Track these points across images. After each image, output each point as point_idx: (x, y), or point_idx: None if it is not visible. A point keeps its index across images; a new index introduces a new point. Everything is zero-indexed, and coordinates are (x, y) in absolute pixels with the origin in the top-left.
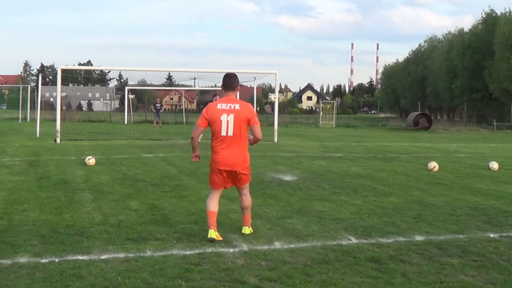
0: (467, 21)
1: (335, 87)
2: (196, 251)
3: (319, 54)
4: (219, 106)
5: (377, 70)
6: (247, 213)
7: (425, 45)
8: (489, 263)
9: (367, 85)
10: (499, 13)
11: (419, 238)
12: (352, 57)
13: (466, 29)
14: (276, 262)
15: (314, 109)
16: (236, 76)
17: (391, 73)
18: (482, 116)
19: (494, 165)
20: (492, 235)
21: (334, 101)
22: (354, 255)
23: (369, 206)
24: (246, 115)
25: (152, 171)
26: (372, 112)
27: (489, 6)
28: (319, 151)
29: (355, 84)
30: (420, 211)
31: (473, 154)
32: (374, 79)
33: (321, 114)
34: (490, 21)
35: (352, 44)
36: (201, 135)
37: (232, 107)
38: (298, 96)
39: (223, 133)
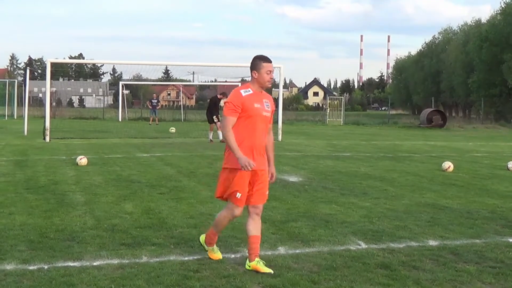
0: (485, 12)
1: (343, 82)
2: (195, 257)
3: (326, 47)
4: None
5: (388, 64)
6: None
7: (440, 37)
8: (508, 270)
9: (377, 80)
10: None
11: (432, 243)
12: (361, 50)
13: (483, 20)
14: (280, 268)
15: (321, 105)
16: (255, 58)
17: (403, 67)
18: (500, 113)
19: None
20: (511, 240)
21: (342, 97)
22: (363, 261)
23: (380, 209)
24: None
25: (148, 171)
26: (383, 108)
27: None
28: (326, 150)
29: (364, 79)
30: (434, 214)
31: (490, 154)
32: (384, 74)
33: (328, 111)
34: (510, 11)
35: (362, 36)
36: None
37: None
38: (303, 91)
39: None
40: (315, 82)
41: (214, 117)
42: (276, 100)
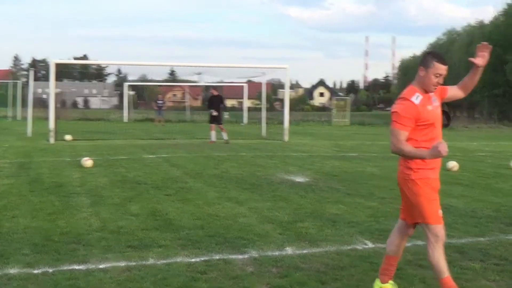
0: (488, 13)
1: (349, 82)
2: (202, 259)
3: (331, 47)
4: None
5: (393, 65)
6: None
7: (444, 38)
8: None
9: (382, 81)
10: None
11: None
12: (366, 50)
13: (486, 21)
14: (287, 268)
15: (326, 106)
16: (429, 53)
17: (408, 68)
18: (504, 113)
19: None
20: None
21: (348, 98)
22: (370, 260)
23: (386, 209)
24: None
25: (154, 173)
26: (388, 109)
27: None
28: (332, 150)
29: (370, 79)
30: None
31: (494, 153)
32: (390, 74)
33: (334, 112)
34: None
35: (367, 37)
36: None
37: None
38: (309, 92)
39: None
40: (321, 82)
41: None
42: (282, 101)
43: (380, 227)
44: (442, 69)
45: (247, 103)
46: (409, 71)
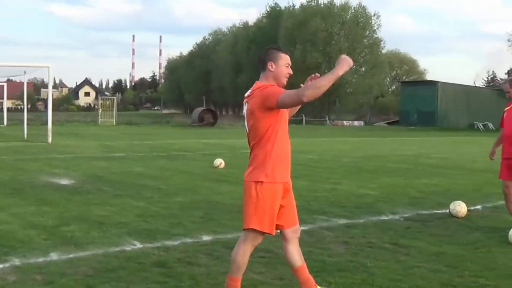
0: (252, 14)
1: (116, 82)
2: None
3: (97, 46)
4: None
5: (160, 64)
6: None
7: (210, 38)
8: (277, 259)
9: (149, 80)
10: (283, 7)
11: (206, 238)
12: (133, 50)
13: (250, 23)
14: (52, 275)
15: (92, 105)
16: (269, 48)
17: (175, 67)
18: None
19: None
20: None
21: (115, 97)
22: (139, 260)
23: (154, 208)
24: (256, 101)
25: None
26: (156, 108)
27: (273, 0)
28: (99, 151)
29: (137, 78)
30: (208, 210)
31: None
32: (157, 74)
33: (100, 111)
34: (275, 14)
35: (133, 36)
36: None
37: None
38: (74, 92)
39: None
40: (86, 82)
41: None
42: (45, 101)
43: (148, 227)
44: (289, 58)
45: (7, 103)
46: (176, 70)
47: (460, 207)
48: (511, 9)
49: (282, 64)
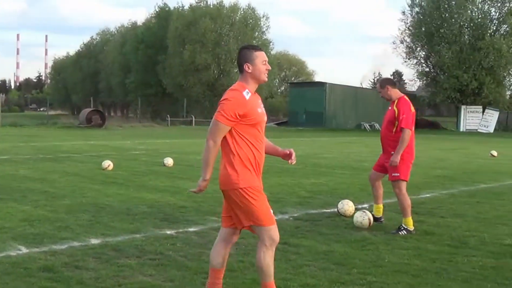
0: (141, 14)
1: (0, 82)
2: None
3: None
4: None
5: (46, 64)
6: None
7: (98, 38)
8: (167, 261)
9: (35, 80)
10: (172, 8)
11: (95, 241)
12: (18, 49)
13: (139, 23)
14: None
15: None
16: (242, 48)
17: (61, 67)
18: (157, 112)
19: (169, 161)
20: (168, 232)
21: None
22: (25, 266)
23: (40, 211)
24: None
25: None
26: (42, 109)
27: (162, 0)
28: None
29: (22, 79)
30: (95, 212)
31: (148, 151)
32: (43, 74)
33: None
34: (164, 15)
35: (18, 35)
36: None
37: None
38: None
39: None
40: None
41: None
42: None
43: (34, 231)
44: (264, 55)
45: None
46: (63, 70)
47: (348, 206)
48: (395, 12)
49: (259, 63)
